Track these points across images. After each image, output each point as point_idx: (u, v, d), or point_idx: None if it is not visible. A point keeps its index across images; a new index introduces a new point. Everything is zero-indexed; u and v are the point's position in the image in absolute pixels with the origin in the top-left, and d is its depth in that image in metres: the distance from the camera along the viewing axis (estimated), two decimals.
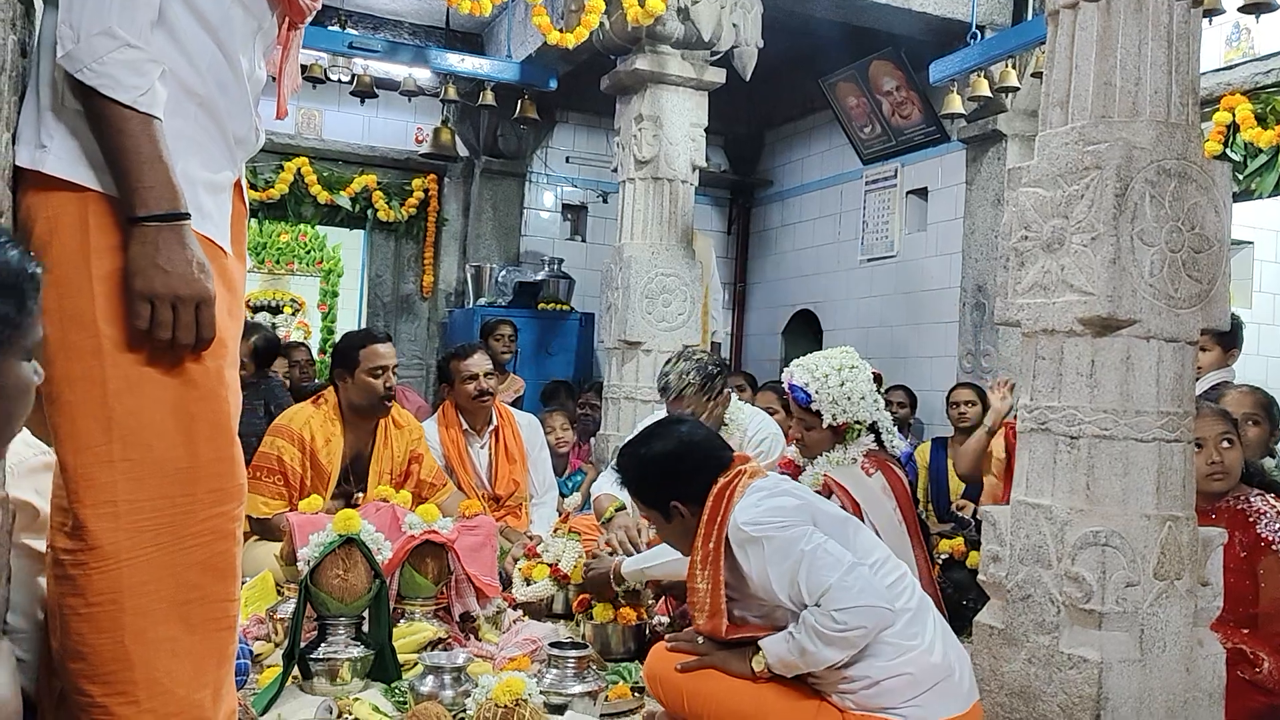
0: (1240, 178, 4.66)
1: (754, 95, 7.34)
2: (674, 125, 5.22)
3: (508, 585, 3.45)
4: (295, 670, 2.59)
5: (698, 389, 3.51)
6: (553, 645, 2.66)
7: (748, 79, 5.45)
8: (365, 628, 2.73)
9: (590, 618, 3.07)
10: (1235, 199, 2.47)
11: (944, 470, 5.19)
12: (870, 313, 7.02)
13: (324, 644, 2.64)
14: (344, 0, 6.75)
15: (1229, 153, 4.75)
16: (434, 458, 3.95)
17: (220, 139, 1.55)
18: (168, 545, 1.44)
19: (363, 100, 6.65)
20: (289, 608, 2.82)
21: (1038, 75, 5.18)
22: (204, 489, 1.47)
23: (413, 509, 3.12)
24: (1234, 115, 4.74)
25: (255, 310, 8.70)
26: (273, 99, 1.78)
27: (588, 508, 3.88)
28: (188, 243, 1.41)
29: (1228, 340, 3.70)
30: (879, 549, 2.27)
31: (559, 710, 2.45)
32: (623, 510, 3.44)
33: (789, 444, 3.51)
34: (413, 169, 7.47)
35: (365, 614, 2.72)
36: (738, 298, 8.48)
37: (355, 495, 3.58)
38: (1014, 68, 5.34)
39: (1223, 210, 2.29)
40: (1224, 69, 4.90)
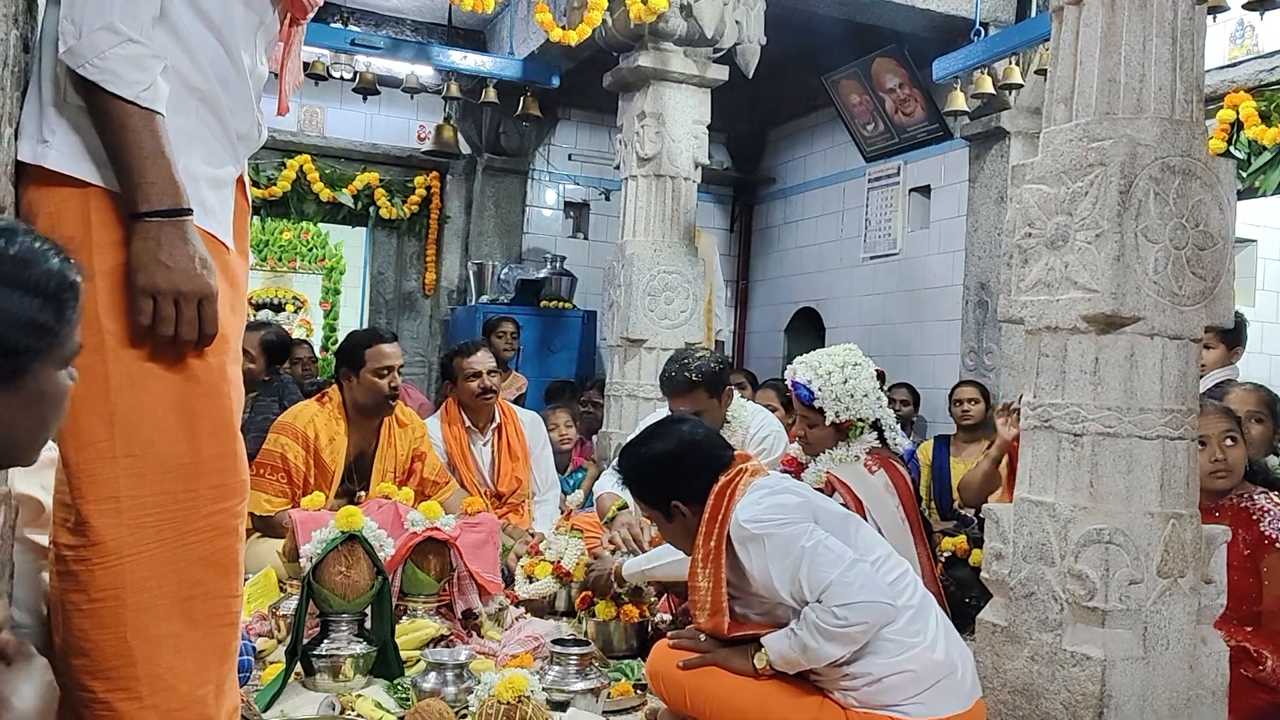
0: (1244, 175, 4.65)
1: (757, 92, 7.33)
2: (676, 122, 5.21)
3: (510, 582, 3.46)
4: (298, 667, 2.60)
5: (700, 387, 3.50)
6: (555, 642, 2.67)
7: (750, 76, 5.44)
8: (368, 624, 2.73)
9: (593, 615, 3.07)
10: (1239, 197, 2.46)
11: (946, 468, 5.18)
12: (873, 310, 7.01)
13: (327, 640, 2.65)
14: None
15: (1233, 150, 4.73)
16: (437, 455, 3.95)
17: (222, 134, 1.55)
18: (170, 541, 1.44)
19: (365, 97, 6.65)
20: (292, 604, 2.83)
21: (1041, 72, 5.17)
22: (206, 485, 1.47)
23: (415, 506, 3.12)
24: (1238, 112, 4.73)
25: (257, 308, 8.70)
26: (274, 95, 1.78)
27: (589, 505, 3.88)
28: (190, 238, 1.41)
29: (1231, 338, 3.70)
30: (880, 546, 2.27)
31: (561, 707, 2.45)
32: (624, 509, 3.43)
33: (791, 441, 3.51)
34: (415, 166, 7.46)
35: (368, 611, 2.73)
36: (740, 295, 8.47)
37: (358, 494, 3.58)
38: (1017, 65, 5.33)
39: (1227, 207, 2.29)
40: (1228, 66, 4.89)
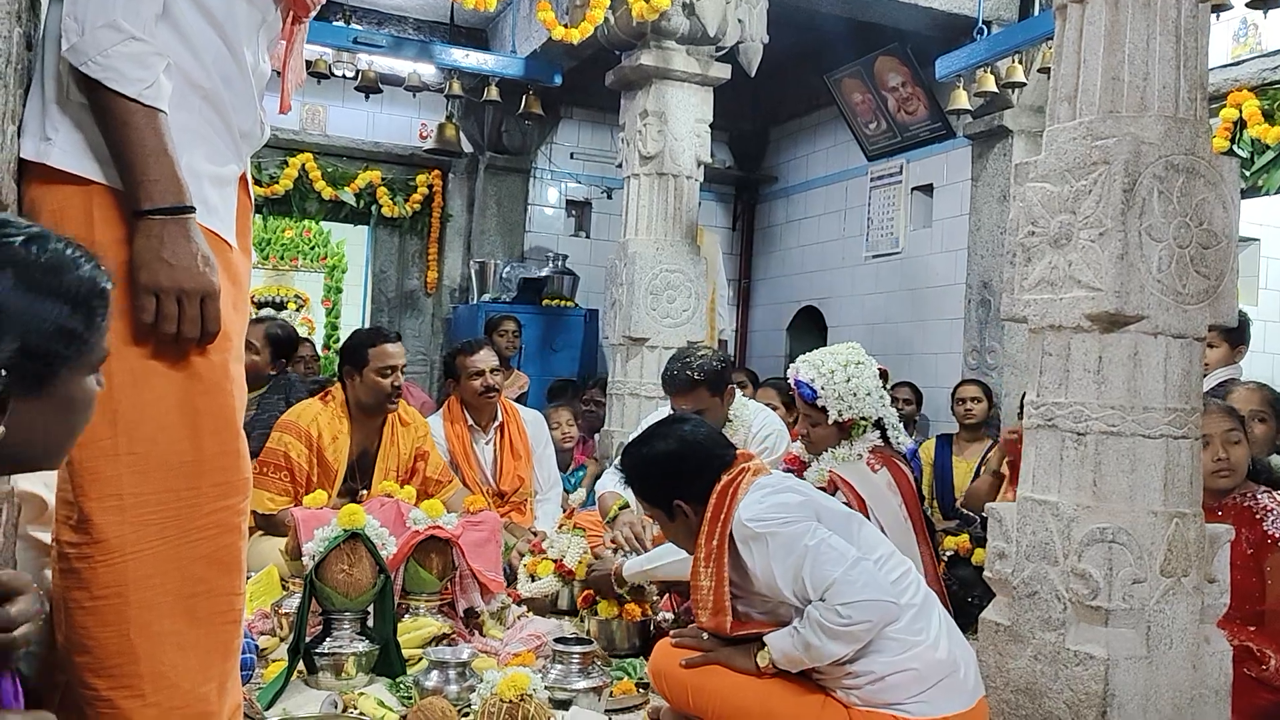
0: (1247, 174, 4.64)
1: (759, 91, 7.32)
2: (679, 121, 5.20)
3: (512, 581, 3.46)
4: (300, 665, 2.60)
5: (702, 385, 3.50)
6: (557, 641, 2.67)
7: (753, 75, 5.44)
8: (370, 623, 2.73)
9: (595, 613, 3.07)
10: (1242, 195, 2.45)
11: (949, 467, 5.18)
12: (875, 309, 7.00)
13: (329, 639, 2.65)
14: None
15: (1236, 149, 4.73)
16: (440, 454, 3.95)
17: (225, 132, 1.54)
18: (173, 539, 1.44)
19: (367, 96, 6.65)
20: (294, 602, 2.83)
21: (1044, 71, 5.16)
22: (209, 483, 1.46)
23: (417, 504, 3.12)
24: (1241, 111, 4.72)
25: (259, 306, 8.71)
26: (277, 94, 1.78)
27: (591, 503, 3.87)
28: (193, 236, 1.41)
29: (1235, 337, 3.69)
30: (883, 545, 2.27)
31: (564, 705, 2.45)
32: (626, 508, 3.43)
33: (793, 440, 3.51)
34: (417, 165, 7.46)
35: (370, 609, 2.73)
36: (742, 294, 8.47)
37: (360, 493, 3.58)
38: (1020, 63, 5.32)
39: (1231, 206, 2.28)
40: (1231, 65, 4.88)
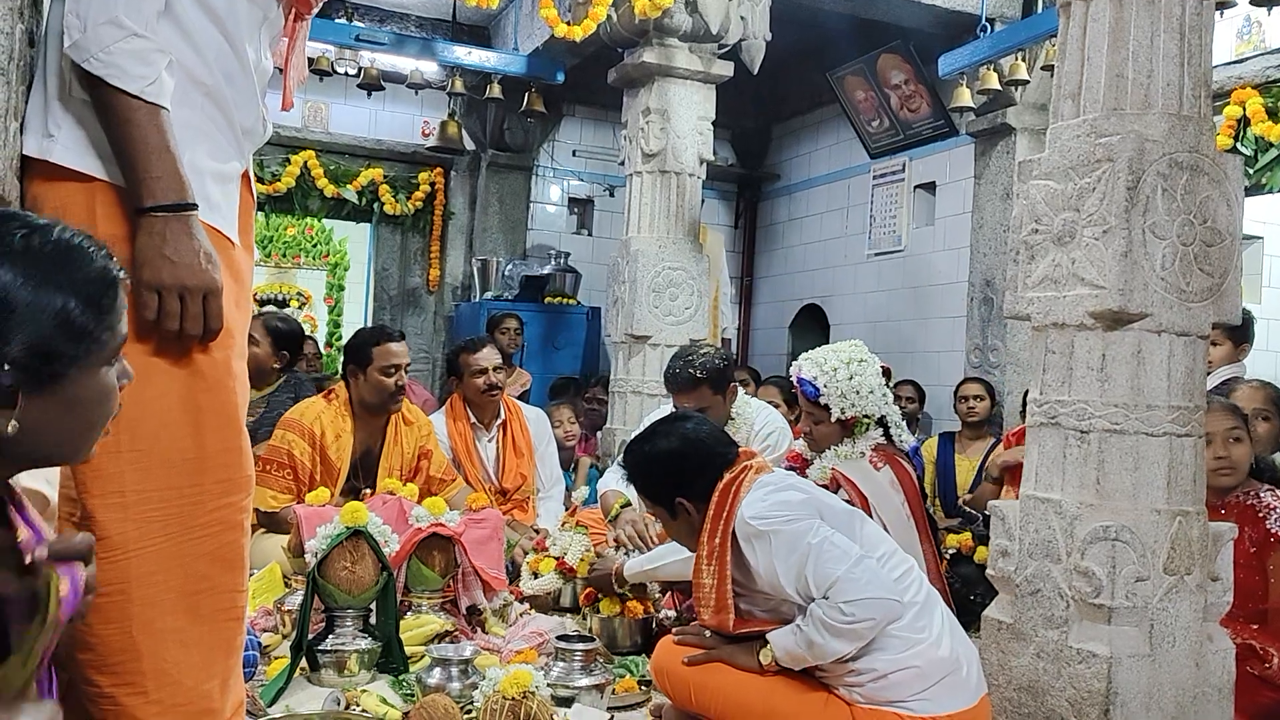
0: (1250, 172, 4.63)
1: (761, 89, 7.32)
2: (681, 118, 5.20)
3: (515, 578, 3.46)
4: (303, 662, 2.60)
5: (704, 383, 3.50)
6: (560, 638, 2.67)
7: (755, 72, 5.43)
8: (373, 620, 2.73)
9: (597, 611, 3.07)
10: (1246, 193, 2.45)
11: (951, 465, 5.18)
12: (878, 307, 7.00)
13: (332, 636, 2.66)
14: None
15: (1239, 147, 4.72)
16: (443, 453, 3.95)
17: (227, 129, 1.54)
18: (176, 536, 1.44)
19: (369, 93, 6.65)
20: (297, 599, 2.83)
21: (1048, 68, 5.15)
22: (212, 480, 1.47)
23: (419, 502, 3.12)
24: (1245, 109, 4.71)
25: (262, 304, 8.71)
26: (279, 91, 1.78)
27: (593, 500, 3.87)
28: (195, 233, 1.40)
29: (1239, 335, 3.69)
30: (885, 542, 2.27)
31: (566, 703, 2.45)
32: (629, 506, 3.43)
33: (796, 438, 3.50)
34: (419, 162, 7.46)
35: (373, 606, 2.73)
36: (744, 292, 8.47)
37: (363, 492, 3.57)
38: (1023, 61, 5.31)
39: (1234, 203, 2.28)
40: (1235, 62, 4.87)
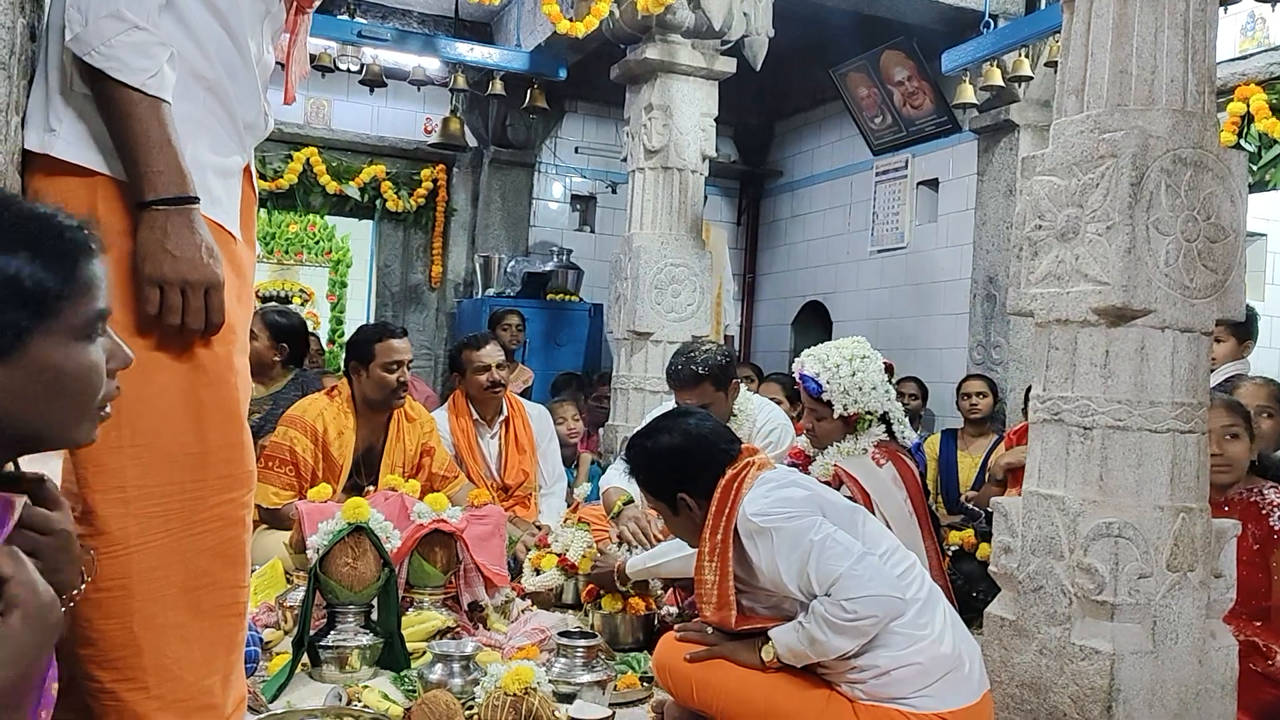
0: (1254, 169, 4.62)
1: (764, 85, 7.30)
2: (684, 115, 5.19)
3: (517, 575, 3.46)
4: (305, 658, 2.60)
5: (707, 380, 3.49)
6: (561, 635, 2.66)
7: (758, 69, 5.42)
8: (374, 616, 2.73)
9: (599, 607, 3.07)
10: (1249, 190, 2.44)
11: (953, 462, 5.18)
12: (880, 304, 6.99)
13: (333, 632, 2.66)
14: None
15: (1243, 143, 4.71)
16: (446, 450, 3.95)
17: (229, 124, 1.54)
18: (177, 531, 1.43)
19: (372, 90, 6.64)
20: (298, 595, 2.83)
21: (1051, 65, 5.14)
22: (213, 475, 1.46)
23: (421, 498, 3.12)
24: (1248, 105, 4.70)
25: (264, 300, 8.71)
26: (280, 87, 1.78)
27: (595, 496, 3.87)
28: (197, 227, 1.40)
29: (1243, 332, 3.68)
30: (887, 539, 2.26)
31: (567, 699, 2.45)
32: (631, 503, 3.43)
33: (798, 434, 3.50)
34: (421, 159, 7.46)
35: (374, 602, 2.73)
36: (747, 289, 8.46)
37: (366, 489, 3.57)
38: (1027, 57, 5.30)
39: (1238, 200, 2.27)
40: (1239, 59, 4.86)
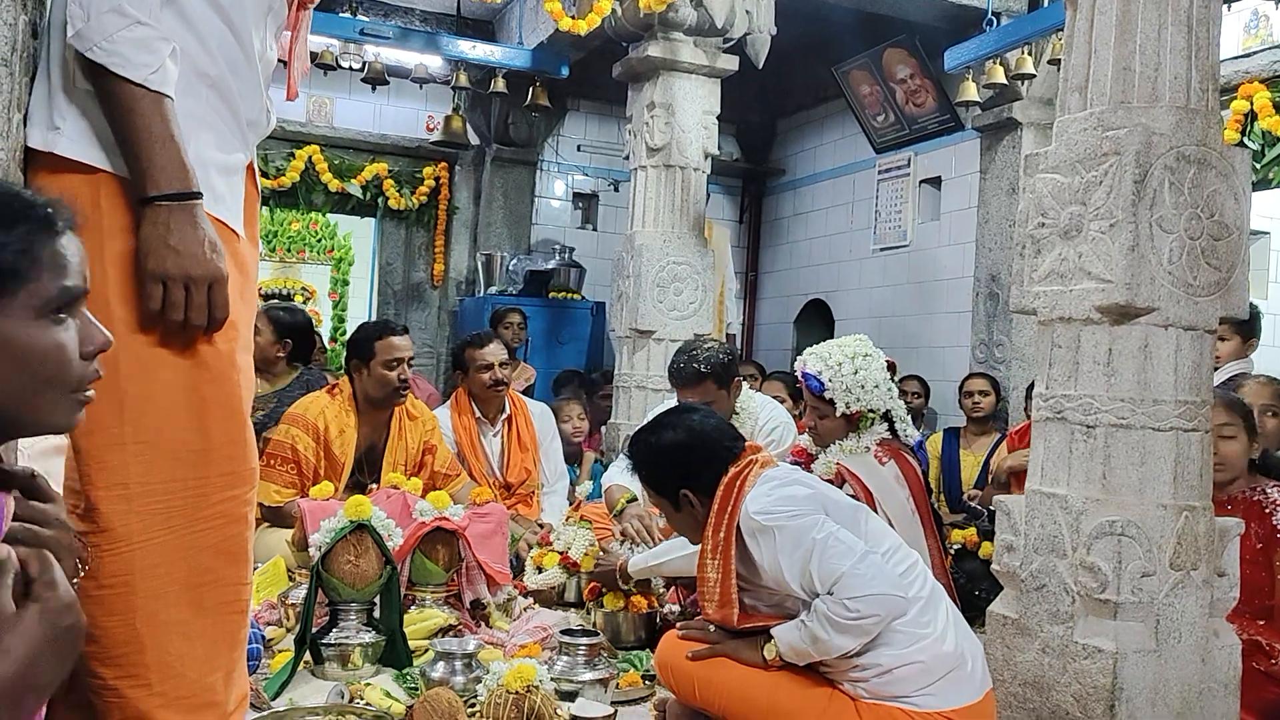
0: (1258, 166, 4.61)
1: (766, 83, 7.29)
2: (686, 113, 5.19)
3: (519, 573, 3.46)
4: (307, 655, 2.60)
5: (709, 378, 3.49)
6: (564, 633, 2.66)
7: (760, 67, 5.41)
8: (376, 614, 2.73)
9: (601, 606, 3.07)
10: (1253, 188, 2.44)
11: (956, 460, 5.17)
12: (883, 302, 6.98)
13: (335, 629, 2.66)
14: None
15: (1246, 141, 4.70)
16: (448, 448, 3.95)
17: (232, 120, 1.53)
18: (180, 528, 1.43)
19: (374, 88, 6.64)
20: (300, 593, 2.83)
21: (1054, 62, 5.13)
22: (216, 472, 1.46)
23: (423, 496, 3.12)
24: (1252, 103, 4.69)
25: (266, 298, 8.71)
26: (282, 84, 1.78)
27: (597, 494, 3.87)
28: (200, 223, 1.40)
29: (1246, 330, 3.68)
30: (890, 537, 2.26)
31: (570, 697, 2.45)
32: (634, 501, 3.43)
33: (800, 432, 3.50)
34: (424, 157, 7.46)
35: (376, 600, 2.73)
36: (749, 287, 8.46)
37: (368, 487, 3.57)
38: (1030, 55, 5.29)
39: (1242, 197, 2.27)
40: (1242, 56, 4.85)
